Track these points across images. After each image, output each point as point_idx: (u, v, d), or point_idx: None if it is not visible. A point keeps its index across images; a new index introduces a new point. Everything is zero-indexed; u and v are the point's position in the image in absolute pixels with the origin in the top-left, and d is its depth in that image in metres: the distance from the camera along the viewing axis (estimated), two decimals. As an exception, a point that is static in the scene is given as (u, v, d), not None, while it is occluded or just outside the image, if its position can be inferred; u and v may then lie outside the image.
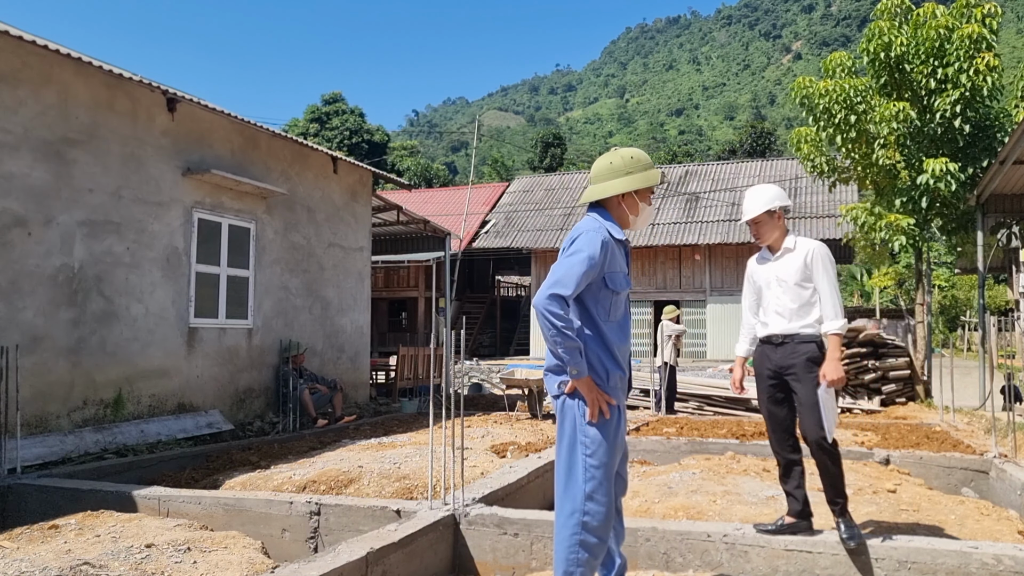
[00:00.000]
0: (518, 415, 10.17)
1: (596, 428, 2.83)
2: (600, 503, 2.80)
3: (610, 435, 2.85)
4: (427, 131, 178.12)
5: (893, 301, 38.34)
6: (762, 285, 3.99)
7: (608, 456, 2.83)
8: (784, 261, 3.92)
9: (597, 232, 2.86)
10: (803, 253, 3.87)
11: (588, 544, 2.79)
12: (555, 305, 2.72)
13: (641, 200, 3.01)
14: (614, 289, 2.90)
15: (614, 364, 2.88)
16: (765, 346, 3.96)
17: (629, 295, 3.06)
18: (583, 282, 2.80)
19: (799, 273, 3.86)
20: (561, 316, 2.72)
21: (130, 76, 7.74)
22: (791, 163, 27.74)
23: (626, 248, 3.03)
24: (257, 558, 4.02)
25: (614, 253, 2.90)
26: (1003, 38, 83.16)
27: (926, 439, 7.42)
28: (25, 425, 6.37)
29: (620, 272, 2.93)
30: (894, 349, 12.10)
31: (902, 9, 12.66)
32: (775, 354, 3.88)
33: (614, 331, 2.92)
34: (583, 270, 2.78)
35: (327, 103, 55.90)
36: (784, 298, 3.86)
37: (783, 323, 3.86)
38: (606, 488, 2.82)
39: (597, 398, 2.81)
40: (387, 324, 28.86)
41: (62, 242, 7.12)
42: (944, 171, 11.36)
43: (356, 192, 11.77)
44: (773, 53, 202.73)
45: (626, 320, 2.99)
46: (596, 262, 2.80)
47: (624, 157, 3.02)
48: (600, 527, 2.80)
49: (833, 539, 3.60)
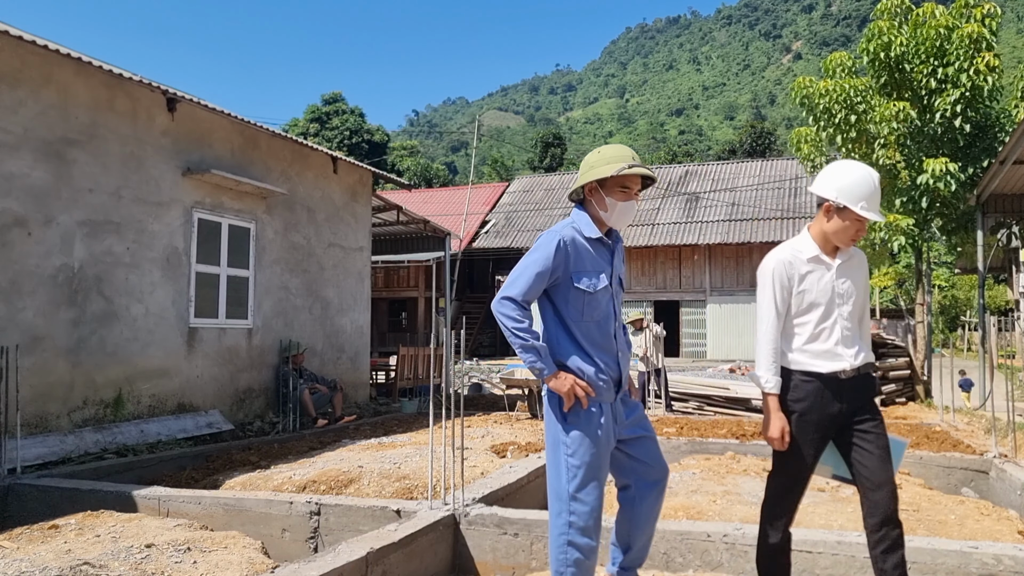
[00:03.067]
0: (518, 415, 10.17)
1: (576, 427, 2.78)
2: (585, 503, 2.76)
3: (592, 432, 2.78)
4: (427, 131, 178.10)
5: (893, 301, 38.33)
6: (820, 300, 2.98)
7: (591, 455, 2.77)
8: (853, 266, 3.02)
9: (556, 232, 2.83)
10: (860, 255, 3.06)
11: (577, 544, 2.76)
12: (505, 307, 2.76)
13: (609, 195, 2.86)
14: (584, 289, 2.82)
15: (589, 363, 2.81)
16: (819, 383, 2.92)
17: (616, 294, 2.95)
18: (536, 283, 2.78)
19: (864, 284, 3.04)
20: (511, 317, 2.74)
21: (130, 76, 7.74)
22: (791, 163, 27.75)
23: (611, 246, 2.95)
24: (257, 558, 4.02)
25: (579, 252, 2.83)
26: (1003, 38, 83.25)
27: (926, 439, 7.42)
28: (25, 425, 6.36)
29: (591, 271, 2.84)
30: (894, 349, 12.10)
31: (902, 9, 12.67)
32: (843, 394, 2.91)
33: (591, 331, 2.84)
34: (534, 271, 2.78)
35: (327, 103, 55.91)
36: (853, 319, 2.99)
37: (851, 352, 2.94)
38: (592, 487, 2.78)
39: (572, 390, 2.75)
40: (387, 324, 28.87)
41: (62, 242, 7.12)
42: (944, 171, 11.37)
43: (356, 192, 11.77)
44: (773, 53, 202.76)
45: (607, 320, 2.88)
46: (548, 264, 2.78)
47: (595, 152, 2.95)
48: (588, 527, 2.77)
49: (833, 539, 3.59)
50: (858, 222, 2.90)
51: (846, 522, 4.37)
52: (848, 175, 2.93)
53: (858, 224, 2.90)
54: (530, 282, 2.77)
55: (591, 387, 2.79)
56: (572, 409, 2.78)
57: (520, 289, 2.77)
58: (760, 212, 25.60)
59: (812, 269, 2.98)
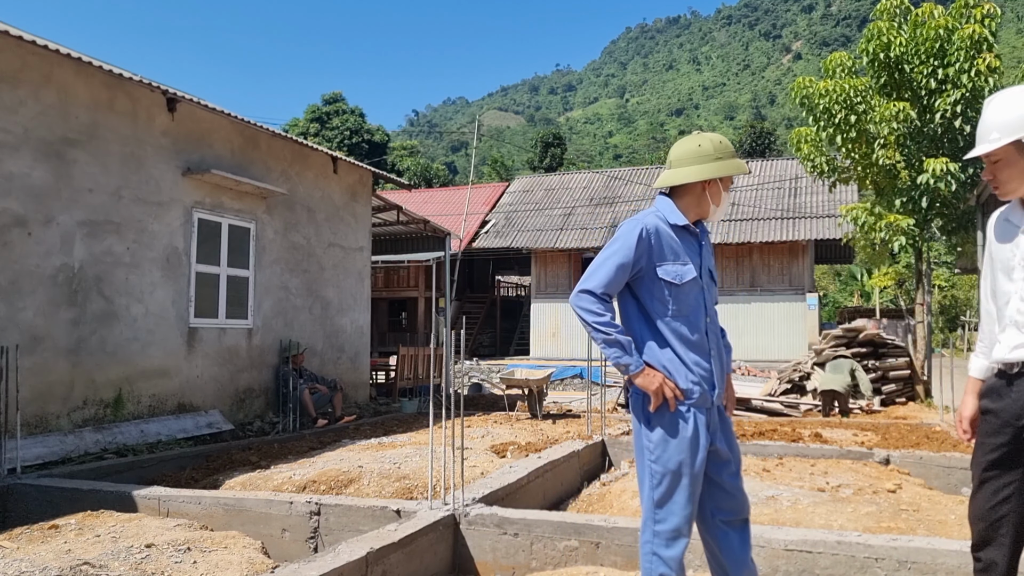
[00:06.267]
0: (518, 415, 10.16)
1: (661, 429, 2.61)
2: (672, 512, 2.58)
3: (679, 436, 2.59)
4: (427, 131, 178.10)
5: (893, 301, 38.34)
6: (999, 270, 2.45)
7: (677, 462, 2.58)
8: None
9: (638, 221, 2.68)
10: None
11: (663, 557, 2.58)
12: (584, 300, 2.61)
13: (725, 189, 2.77)
14: (670, 280, 2.66)
15: (678, 362, 2.64)
16: (997, 379, 2.46)
17: (708, 287, 2.76)
18: (617, 275, 2.63)
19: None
20: (590, 311, 2.59)
21: (130, 76, 7.74)
22: (791, 163, 27.73)
23: (699, 237, 2.79)
24: (257, 558, 4.02)
25: (665, 241, 2.68)
26: (1003, 38, 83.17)
27: (926, 439, 7.42)
28: (25, 425, 6.37)
29: (678, 261, 2.68)
30: (894, 349, 12.10)
31: (901, 9, 12.66)
32: (1010, 393, 2.39)
33: (680, 327, 2.66)
34: (615, 263, 2.63)
35: (327, 103, 55.87)
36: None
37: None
38: (679, 496, 2.59)
39: (660, 388, 2.58)
40: (387, 324, 28.86)
41: (62, 242, 7.12)
42: (944, 171, 11.36)
43: (356, 192, 11.77)
44: (773, 53, 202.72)
45: (697, 315, 2.69)
46: (630, 254, 2.62)
47: (714, 141, 2.75)
48: (675, 540, 2.58)
49: (833, 539, 3.59)
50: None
51: (846, 522, 4.37)
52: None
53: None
54: (611, 274, 2.61)
55: (679, 389, 2.62)
56: (658, 410, 2.61)
57: (599, 281, 2.61)
58: (760, 212, 25.59)
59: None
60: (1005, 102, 2.41)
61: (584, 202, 28.49)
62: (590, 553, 3.89)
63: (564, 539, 3.94)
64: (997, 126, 2.40)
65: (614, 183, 29.13)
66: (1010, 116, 2.37)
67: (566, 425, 9.07)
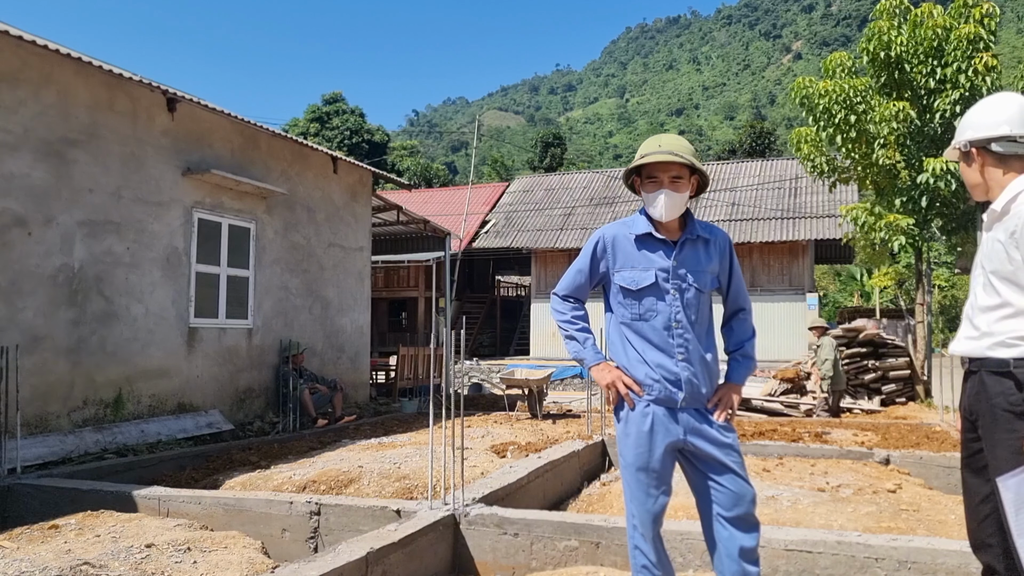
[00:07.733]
0: (518, 415, 10.17)
1: (622, 424, 2.78)
2: (640, 506, 2.72)
3: (636, 431, 2.70)
4: (427, 131, 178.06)
5: (893, 301, 38.33)
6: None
7: (634, 455, 2.70)
8: (996, 228, 2.40)
9: (600, 232, 2.87)
10: (1013, 219, 2.32)
11: (641, 549, 2.74)
12: (552, 301, 2.97)
13: (642, 188, 2.78)
14: (625, 286, 2.74)
15: (639, 362, 2.71)
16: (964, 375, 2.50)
17: (684, 292, 2.73)
18: (576, 279, 2.89)
19: (999, 254, 2.35)
20: (555, 310, 2.93)
21: (130, 76, 7.74)
22: (791, 163, 27.73)
23: (671, 242, 2.76)
24: (257, 558, 4.02)
25: (622, 249, 2.78)
26: (1003, 38, 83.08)
27: (926, 439, 7.42)
28: (25, 425, 6.37)
29: (637, 268, 2.74)
30: (894, 349, 12.11)
31: (901, 9, 12.66)
32: (965, 388, 2.48)
33: (643, 329, 2.73)
34: (575, 268, 2.90)
35: (327, 103, 55.87)
36: (980, 293, 2.41)
37: (971, 334, 2.42)
38: (640, 491, 2.71)
39: (614, 383, 2.74)
40: (387, 324, 28.84)
41: (62, 242, 7.12)
42: (944, 171, 11.36)
43: (356, 192, 11.77)
44: (773, 53, 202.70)
45: (661, 318, 2.71)
46: (586, 262, 2.85)
47: (650, 142, 2.81)
48: (647, 533, 2.71)
49: (833, 539, 3.59)
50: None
51: (846, 522, 4.37)
52: None
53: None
54: (571, 278, 2.91)
55: (638, 385, 2.71)
56: (621, 406, 2.79)
57: (563, 284, 2.93)
58: (760, 212, 25.58)
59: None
60: (970, 111, 2.56)
61: (584, 202, 28.49)
62: (590, 553, 3.89)
63: (564, 539, 3.94)
64: (956, 136, 2.58)
65: (614, 183, 29.12)
66: (962, 125, 2.56)
67: (566, 425, 9.07)
